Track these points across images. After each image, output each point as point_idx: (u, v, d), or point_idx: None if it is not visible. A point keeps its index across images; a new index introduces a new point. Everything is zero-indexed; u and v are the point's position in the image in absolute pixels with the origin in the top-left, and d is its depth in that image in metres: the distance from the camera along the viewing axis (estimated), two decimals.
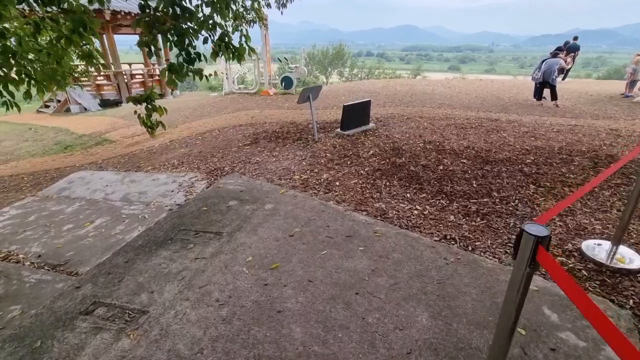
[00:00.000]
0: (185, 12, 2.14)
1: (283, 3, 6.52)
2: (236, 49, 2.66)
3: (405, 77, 38.66)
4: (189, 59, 2.31)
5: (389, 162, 4.20)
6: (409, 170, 3.90)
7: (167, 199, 4.03)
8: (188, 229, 2.89)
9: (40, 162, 6.94)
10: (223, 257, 2.48)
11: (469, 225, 2.79)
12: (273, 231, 2.78)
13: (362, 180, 3.74)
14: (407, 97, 9.28)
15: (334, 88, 11.61)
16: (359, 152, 4.62)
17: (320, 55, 35.66)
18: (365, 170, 4.01)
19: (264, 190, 3.56)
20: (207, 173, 4.59)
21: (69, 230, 3.57)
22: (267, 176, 4.07)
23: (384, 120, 6.45)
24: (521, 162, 4.10)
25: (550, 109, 7.76)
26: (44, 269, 2.93)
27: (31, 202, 4.37)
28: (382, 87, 11.31)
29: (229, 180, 3.93)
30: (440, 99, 8.90)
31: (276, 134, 5.95)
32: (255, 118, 7.49)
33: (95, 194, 4.40)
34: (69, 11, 1.92)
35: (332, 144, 5.02)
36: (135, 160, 5.90)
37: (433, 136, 5.25)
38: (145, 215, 3.69)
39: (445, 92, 9.99)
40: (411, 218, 2.92)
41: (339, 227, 2.78)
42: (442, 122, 6.23)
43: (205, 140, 6.28)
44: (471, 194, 3.31)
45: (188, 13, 2.15)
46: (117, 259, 2.58)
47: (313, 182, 3.78)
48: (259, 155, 4.98)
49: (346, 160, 4.36)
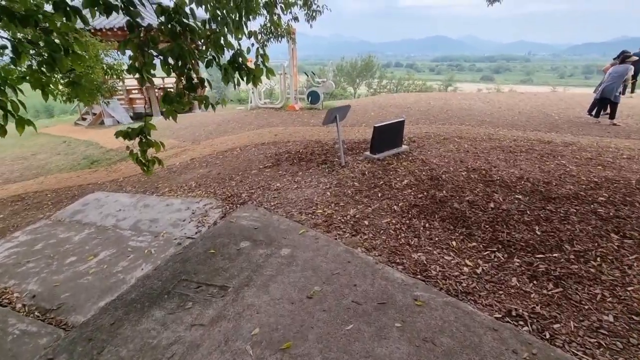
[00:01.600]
0: (186, 29, 1.76)
1: (313, 16, 6.17)
2: (250, 70, 2.25)
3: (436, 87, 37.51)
4: (189, 85, 1.92)
5: (427, 195, 3.61)
6: (452, 208, 3.29)
7: (178, 229, 3.69)
8: (190, 280, 2.47)
9: (66, 177, 6.94)
10: (225, 325, 2.01)
11: (540, 295, 2.15)
12: (288, 289, 2.29)
13: (395, 220, 3.17)
14: (442, 113, 8.59)
15: (362, 103, 11.12)
16: (391, 181, 4.06)
17: (349, 67, 35.45)
18: (399, 205, 3.44)
19: (281, 229, 3.09)
20: (222, 200, 4.22)
21: (71, 264, 3.29)
22: (286, 208, 3.62)
23: (418, 141, 5.84)
24: (592, 199, 3.36)
25: (610, 128, 6.80)
26: (34, 315, 2.62)
27: (42, 226, 4.18)
28: (414, 101, 10.67)
29: (244, 213, 3.51)
30: (480, 116, 8.13)
31: (299, 156, 5.52)
32: (278, 136, 7.13)
33: (107, 220, 4.15)
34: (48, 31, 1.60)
35: (361, 169, 4.50)
36: (154, 180, 5.68)
37: (477, 162, 4.59)
38: (152, 249, 3.35)
39: (484, 108, 9.19)
40: (461, 279, 2.32)
41: (369, 287, 2.24)
42: (485, 144, 5.53)
43: (225, 160, 5.97)
44: (535, 246, 2.65)
45: (189, 31, 1.77)
46: (104, 317, 2.18)
47: (338, 219, 3.27)
48: (280, 180, 4.56)
49: (376, 191, 3.82)
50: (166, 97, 1.86)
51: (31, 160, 8.83)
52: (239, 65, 2.16)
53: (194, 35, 1.81)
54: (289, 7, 4.72)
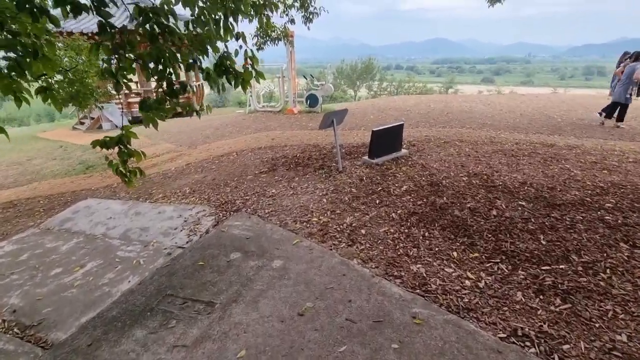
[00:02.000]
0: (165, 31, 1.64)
1: (310, 19, 6.07)
2: (239, 73, 2.13)
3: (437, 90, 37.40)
4: (170, 91, 1.80)
5: (426, 202, 3.47)
6: (452, 216, 3.15)
7: (169, 238, 3.56)
8: (175, 295, 2.34)
9: (60, 183, 6.83)
10: (209, 346, 1.88)
11: (547, 312, 2.01)
12: (278, 305, 2.15)
13: (394, 228, 3.04)
14: (443, 115, 8.46)
15: (362, 105, 11.01)
16: (389, 187, 3.93)
17: (349, 70, 35.38)
18: (398, 213, 3.31)
19: (274, 239, 2.96)
20: (216, 207, 4.09)
21: (56, 275, 3.16)
22: (280, 216, 3.48)
23: (418, 144, 5.71)
24: (599, 206, 3.22)
25: (614, 130, 6.65)
26: (13, 332, 2.49)
27: (30, 235, 4.06)
28: (414, 104, 10.55)
29: (236, 222, 3.38)
30: (481, 118, 8.01)
31: (296, 160, 5.39)
32: (276, 140, 7.01)
33: (96, 228, 4.02)
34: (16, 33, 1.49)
35: (359, 175, 4.37)
36: (148, 186, 5.56)
37: (478, 167, 4.45)
38: (141, 260, 3.22)
39: (485, 110, 9.07)
40: (462, 293, 2.19)
41: (364, 303, 2.11)
42: (486, 147, 5.40)
43: (221, 165, 5.84)
44: (541, 256, 2.51)
45: (169, 32, 1.65)
46: (81, 337, 2.05)
47: (334, 227, 3.13)
48: (275, 186, 4.43)
49: (374, 198, 3.69)
50: (143, 104, 1.73)
51: (26, 165, 8.72)
52: (226, 69, 2.04)
53: (173, 37, 1.69)
54: (277, 8, 4.65)
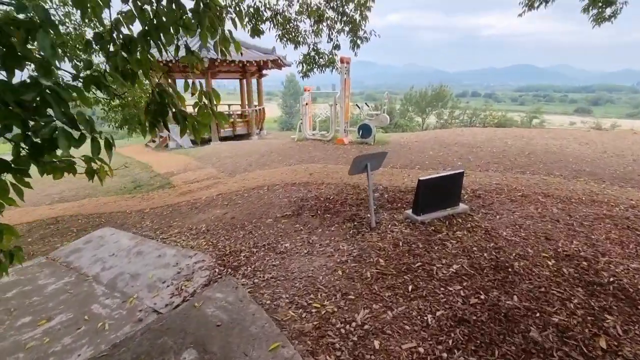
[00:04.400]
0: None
1: (357, 44, 5.37)
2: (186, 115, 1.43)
3: (518, 120, 33.47)
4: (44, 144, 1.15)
5: (485, 301, 2.33)
6: (525, 339, 1.97)
7: (151, 295, 3.03)
8: None
9: (105, 202, 7.02)
10: None
11: None
12: None
13: (425, 347, 1.98)
14: (523, 156, 6.89)
15: (422, 138, 9.76)
16: (433, 263, 2.84)
17: (418, 97, 33.86)
18: (437, 315, 2.23)
19: (249, 335, 2.13)
20: (217, 257, 3.47)
21: (20, 328, 2.79)
22: (276, 290, 2.66)
23: (484, 196, 4.45)
24: None
25: None
26: None
27: (34, 265, 3.89)
28: (485, 139, 8.99)
29: (218, 293, 2.65)
30: (576, 163, 6.27)
31: (327, 204, 4.56)
32: (313, 175, 6.29)
33: (93, 267, 3.69)
34: None
35: (395, 237, 3.35)
36: (173, 216, 5.26)
37: (572, 242, 3.10)
38: (107, 323, 2.71)
39: (582, 151, 7.20)
40: None
41: None
42: (585, 209, 3.92)
43: (247, 200, 5.30)
44: None
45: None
46: None
47: (337, 326, 2.19)
48: (292, 238, 3.65)
49: (407, 280, 2.65)
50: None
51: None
52: (162, 109, 1.37)
53: None
54: (250, 18, 4.28)
